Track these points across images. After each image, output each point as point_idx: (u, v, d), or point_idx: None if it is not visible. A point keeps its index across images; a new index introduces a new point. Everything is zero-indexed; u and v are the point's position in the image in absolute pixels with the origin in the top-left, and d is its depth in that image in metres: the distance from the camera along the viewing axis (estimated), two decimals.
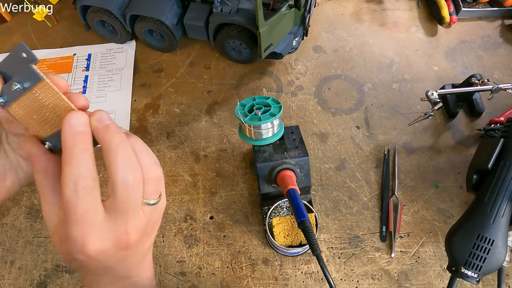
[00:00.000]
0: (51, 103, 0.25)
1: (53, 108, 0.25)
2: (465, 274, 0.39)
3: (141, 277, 0.31)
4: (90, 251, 0.25)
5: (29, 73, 0.24)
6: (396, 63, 0.69)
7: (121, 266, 0.28)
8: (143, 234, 0.27)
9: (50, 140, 0.27)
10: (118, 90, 0.66)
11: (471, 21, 0.73)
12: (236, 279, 0.50)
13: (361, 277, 0.50)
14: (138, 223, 0.26)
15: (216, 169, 0.58)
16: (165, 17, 0.61)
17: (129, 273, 0.30)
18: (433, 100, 0.55)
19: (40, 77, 0.24)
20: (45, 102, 0.25)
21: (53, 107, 0.25)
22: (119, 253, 0.27)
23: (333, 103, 0.64)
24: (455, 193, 0.56)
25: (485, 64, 0.68)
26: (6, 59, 0.25)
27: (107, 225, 0.25)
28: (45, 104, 0.25)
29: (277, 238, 0.48)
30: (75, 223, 0.24)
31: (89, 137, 0.25)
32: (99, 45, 0.71)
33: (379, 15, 0.75)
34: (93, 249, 0.25)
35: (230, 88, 0.66)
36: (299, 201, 0.44)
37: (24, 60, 0.24)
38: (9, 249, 0.52)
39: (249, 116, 0.45)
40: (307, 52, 0.70)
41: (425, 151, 0.60)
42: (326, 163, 0.59)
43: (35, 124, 0.26)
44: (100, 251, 0.25)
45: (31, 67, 0.24)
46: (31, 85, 0.24)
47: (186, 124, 0.62)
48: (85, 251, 0.24)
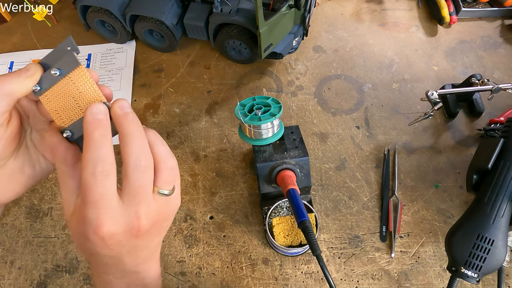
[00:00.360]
0: (83, 90, 0.28)
1: (83, 95, 0.28)
2: (465, 274, 0.39)
3: (148, 274, 0.32)
4: (104, 232, 0.26)
5: (68, 60, 0.27)
6: (396, 63, 0.69)
7: (131, 258, 0.29)
8: (153, 224, 0.28)
9: (69, 130, 0.30)
10: (118, 90, 0.66)
11: (471, 21, 0.73)
12: (236, 279, 0.50)
13: (361, 277, 0.50)
14: (149, 210, 0.28)
15: (216, 169, 0.58)
16: (165, 17, 0.61)
17: (137, 268, 0.31)
18: (433, 100, 0.55)
19: (78, 63, 0.27)
20: (78, 88, 0.28)
21: (83, 94, 0.28)
22: (130, 240, 0.28)
23: (333, 103, 0.65)
24: (455, 193, 0.56)
25: (485, 64, 0.68)
26: (52, 53, 0.27)
27: (120, 209, 0.27)
28: (77, 90, 0.28)
29: (277, 238, 0.48)
30: (92, 205, 0.26)
31: (108, 125, 0.27)
32: (99, 45, 0.71)
33: (379, 15, 0.75)
34: (107, 230, 0.26)
35: (230, 88, 0.66)
36: (299, 201, 0.44)
37: (67, 52, 0.27)
38: (9, 249, 0.52)
39: (249, 116, 0.45)
40: (307, 52, 0.70)
41: (425, 151, 0.60)
42: (326, 163, 0.59)
43: (60, 112, 0.29)
44: (112, 234, 0.27)
45: (72, 54, 0.27)
46: (68, 71, 0.27)
47: (186, 124, 0.62)
48: (99, 232, 0.26)
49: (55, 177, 0.57)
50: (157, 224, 0.29)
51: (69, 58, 0.27)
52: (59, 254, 0.52)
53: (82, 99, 0.28)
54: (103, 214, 0.26)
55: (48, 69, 0.28)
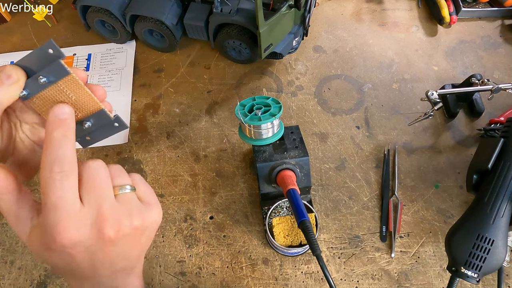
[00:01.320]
0: (74, 95, 0.27)
1: (75, 100, 0.28)
2: (465, 274, 0.39)
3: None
4: (66, 239, 0.24)
5: (57, 68, 0.26)
6: (396, 63, 0.69)
7: (106, 268, 0.27)
8: (129, 229, 0.26)
9: None
10: (118, 90, 0.66)
11: (471, 21, 0.73)
12: (236, 279, 0.50)
13: (361, 277, 0.50)
14: (115, 210, 0.26)
15: (216, 169, 0.58)
16: (165, 17, 0.61)
17: (115, 281, 0.29)
18: (433, 100, 0.55)
19: (68, 72, 0.26)
20: (68, 94, 0.27)
21: (75, 99, 0.28)
22: (100, 246, 0.26)
23: (333, 103, 0.65)
24: (455, 193, 0.56)
25: (485, 64, 0.68)
26: (30, 55, 0.26)
27: (83, 211, 0.25)
28: (69, 96, 0.27)
29: (277, 238, 0.48)
30: (51, 210, 0.24)
31: (71, 126, 0.26)
32: (99, 45, 0.71)
33: (379, 15, 0.75)
34: (69, 236, 0.24)
35: (230, 88, 0.66)
36: (299, 201, 0.44)
37: (51, 56, 0.26)
38: (9, 249, 0.52)
39: (249, 116, 0.45)
40: (307, 52, 0.70)
41: (425, 151, 0.60)
42: (326, 163, 0.59)
43: None
44: (76, 239, 0.24)
45: (59, 62, 0.26)
46: (57, 78, 0.26)
47: (186, 124, 0.62)
48: (61, 239, 0.24)
49: None
50: (136, 231, 0.27)
51: (58, 67, 0.26)
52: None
53: (74, 103, 0.28)
54: (64, 219, 0.24)
55: (32, 74, 0.27)
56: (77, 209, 0.24)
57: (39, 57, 0.26)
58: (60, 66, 0.26)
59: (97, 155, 0.59)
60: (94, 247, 0.25)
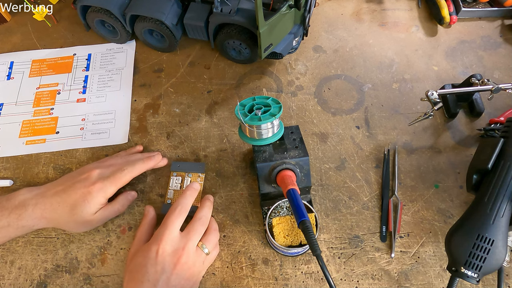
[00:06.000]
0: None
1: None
2: (465, 274, 0.40)
3: None
4: (160, 246, 0.43)
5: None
6: (396, 63, 0.69)
7: (168, 281, 0.43)
8: (188, 265, 0.44)
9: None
10: (118, 90, 0.66)
11: (471, 21, 0.73)
12: (236, 279, 0.50)
13: (361, 277, 0.50)
14: (191, 251, 0.45)
15: (216, 169, 0.58)
16: (165, 17, 0.61)
17: None
18: (433, 100, 0.55)
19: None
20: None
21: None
22: (171, 263, 0.43)
23: (333, 103, 0.65)
24: (455, 193, 0.56)
25: (485, 64, 0.68)
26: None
27: (176, 238, 0.45)
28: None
29: (277, 238, 0.48)
30: (163, 226, 0.45)
31: (195, 194, 0.50)
32: (99, 45, 0.71)
33: (379, 15, 0.75)
34: (163, 246, 0.43)
35: (230, 88, 0.66)
36: (299, 201, 0.44)
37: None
38: (9, 249, 0.52)
39: (249, 116, 0.45)
40: (307, 52, 0.70)
41: (425, 151, 0.60)
42: (326, 163, 0.59)
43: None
44: (164, 250, 0.43)
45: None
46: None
47: (186, 124, 0.62)
48: (159, 244, 0.43)
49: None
50: (189, 269, 0.44)
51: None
52: (59, 254, 0.52)
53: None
54: (166, 235, 0.44)
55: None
56: (175, 235, 0.45)
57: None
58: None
59: (97, 155, 0.59)
60: (168, 262, 0.43)
